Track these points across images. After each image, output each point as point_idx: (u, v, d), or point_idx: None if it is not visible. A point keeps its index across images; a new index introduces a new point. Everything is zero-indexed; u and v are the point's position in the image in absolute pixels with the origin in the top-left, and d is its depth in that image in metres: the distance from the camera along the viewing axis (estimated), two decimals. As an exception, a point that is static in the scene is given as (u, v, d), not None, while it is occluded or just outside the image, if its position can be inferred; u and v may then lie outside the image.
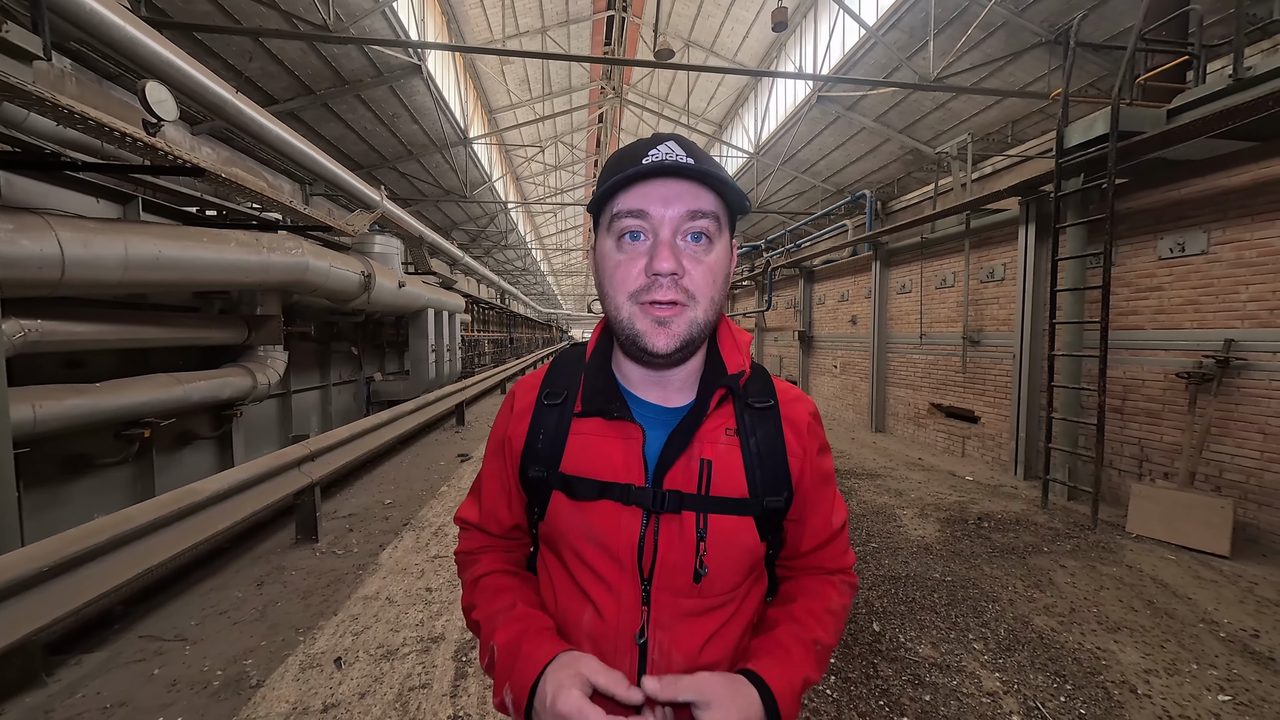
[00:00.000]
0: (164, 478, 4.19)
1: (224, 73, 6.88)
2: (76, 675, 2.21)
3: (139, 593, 2.84)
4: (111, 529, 2.19)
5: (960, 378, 6.49)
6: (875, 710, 2.06)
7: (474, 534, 0.79)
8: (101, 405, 3.18)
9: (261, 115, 4.79)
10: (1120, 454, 4.51)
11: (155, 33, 3.62)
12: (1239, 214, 3.74)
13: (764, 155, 13.39)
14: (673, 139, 0.62)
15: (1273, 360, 3.55)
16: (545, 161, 18.80)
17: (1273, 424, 3.53)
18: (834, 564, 0.75)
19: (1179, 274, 4.11)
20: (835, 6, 8.65)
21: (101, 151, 3.66)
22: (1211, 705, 2.09)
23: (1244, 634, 2.57)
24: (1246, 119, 3.28)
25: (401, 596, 2.90)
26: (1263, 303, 3.61)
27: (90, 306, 3.26)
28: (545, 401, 0.72)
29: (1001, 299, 5.84)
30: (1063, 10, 6.65)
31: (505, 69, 13.06)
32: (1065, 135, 4.37)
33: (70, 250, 2.63)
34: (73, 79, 3.77)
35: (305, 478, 3.53)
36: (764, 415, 0.70)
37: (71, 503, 3.51)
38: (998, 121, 8.92)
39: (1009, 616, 2.71)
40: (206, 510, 2.72)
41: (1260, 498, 3.60)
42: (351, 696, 2.10)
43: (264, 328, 4.65)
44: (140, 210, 3.81)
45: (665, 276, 0.59)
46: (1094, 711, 2.05)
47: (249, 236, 3.85)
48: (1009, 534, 3.83)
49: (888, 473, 5.66)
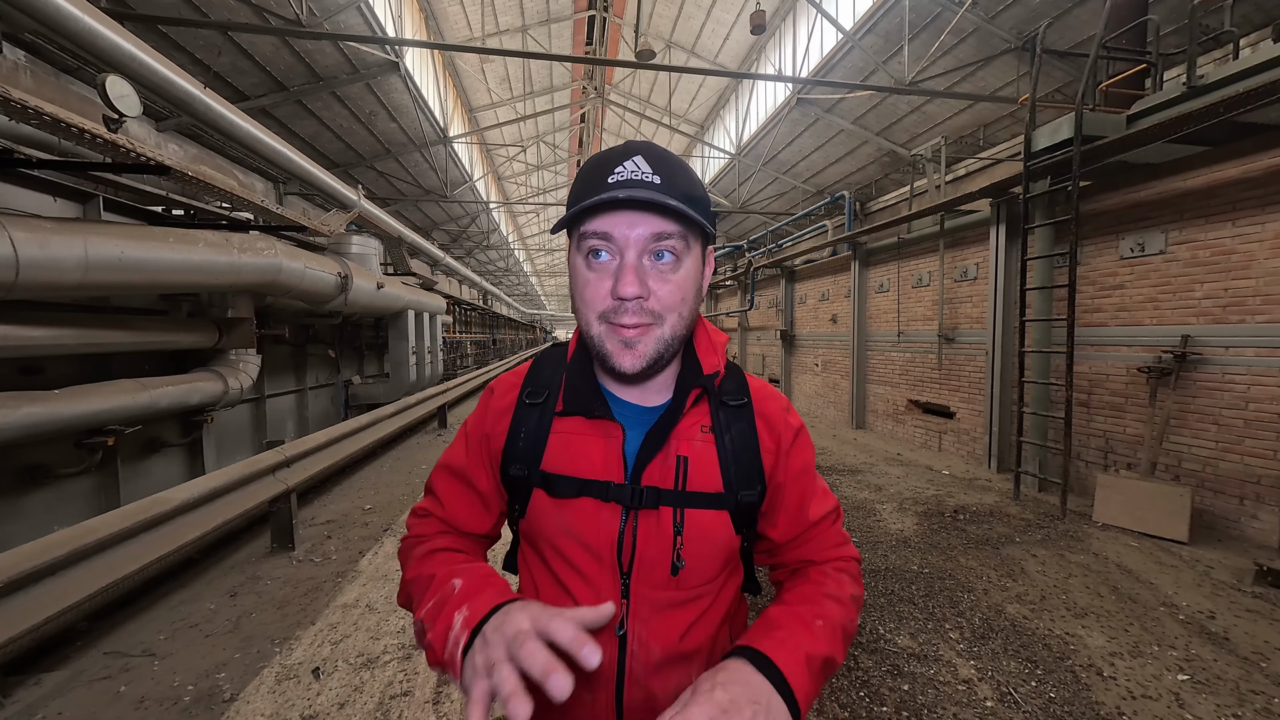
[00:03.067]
0: (130, 487, 4.03)
1: (191, 67, 6.66)
2: (35, 696, 2.11)
3: (104, 607, 2.72)
4: (71, 542, 2.09)
5: (936, 374, 6.65)
6: (856, 701, 2.10)
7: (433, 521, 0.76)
8: (61, 413, 3.05)
9: (231, 111, 4.64)
10: (1087, 446, 4.69)
11: (116, 25, 3.48)
12: (1194, 215, 3.93)
13: (745, 156, 13.53)
14: (641, 153, 0.61)
15: (1225, 355, 3.73)
16: (527, 161, 18.66)
17: (1226, 415, 3.71)
18: (823, 556, 0.74)
19: (1139, 273, 4.30)
20: (814, 10, 8.79)
21: (59, 148, 3.51)
22: (1171, 685, 2.18)
23: (1201, 616, 2.70)
24: (1199, 125, 3.44)
25: (382, 603, 2.85)
26: (1216, 300, 3.80)
27: (48, 310, 3.12)
28: (527, 400, 0.72)
29: (975, 297, 6.02)
30: (1030, 18, 6.88)
31: (486, 67, 12.92)
32: (1032, 139, 4.53)
33: (25, 251, 2.51)
34: (27, 72, 3.61)
35: (280, 484, 3.44)
36: (738, 412, 0.71)
37: (29, 516, 3.35)
38: (970, 125, 9.18)
39: (983, 606, 2.80)
40: (175, 520, 2.63)
41: (1215, 485, 3.78)
42: (330, 707, 2.06)
43: (235, 331, 4.51)
44: (101, 209, 3.66)
45: (630, 300, 0.59)
46: (1063, 694, 2.13)
47: (218, 237, 3.73)
48: (983, 526, 3.94)
49: (868, 468, 5.78)
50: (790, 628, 0.61)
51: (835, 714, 2.04)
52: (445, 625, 0.55)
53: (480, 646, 0.50)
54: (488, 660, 0.48)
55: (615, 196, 0.57)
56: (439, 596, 0.60)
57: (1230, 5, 4.07)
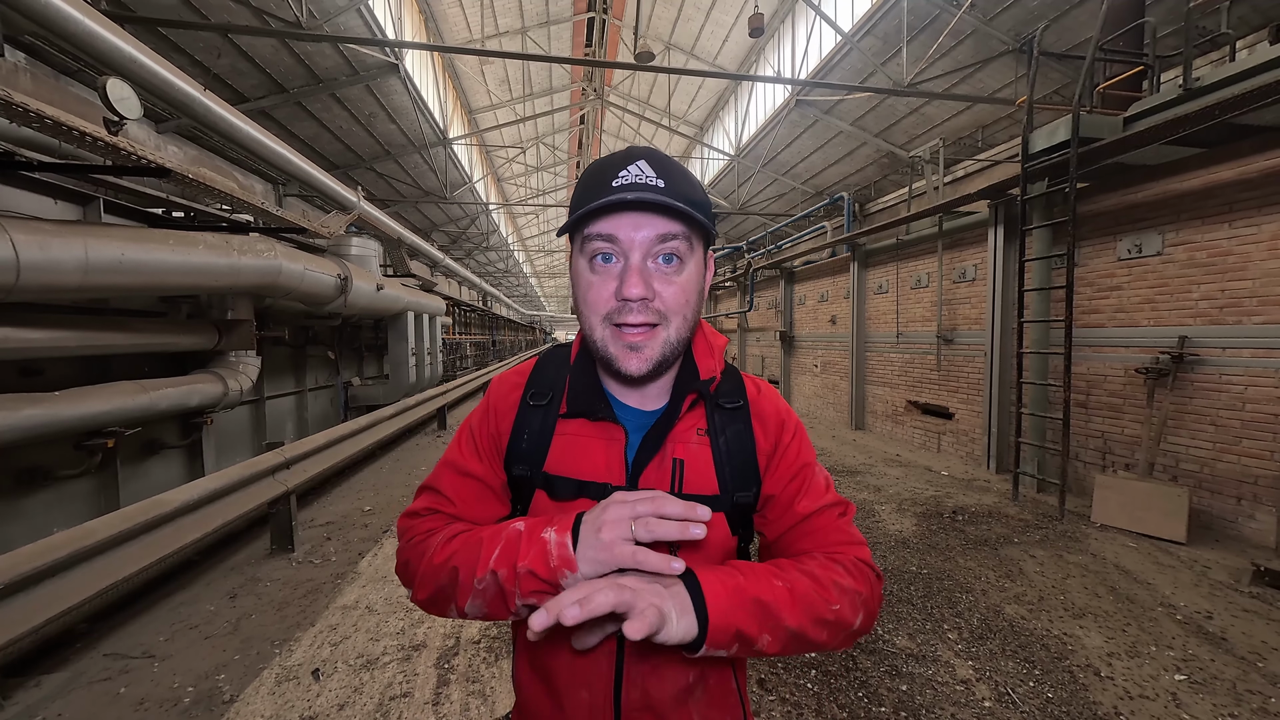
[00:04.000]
0: (129, 489, 4.03)
1: (191, 69, 6.66)
2: (35, 698, 2.11)
3: (103, 609, 2.72)
4: (71, 544, 2.10)
5: (935, 375, 6.66)
6: (854, 701, 2.11)
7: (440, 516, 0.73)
8: (61, 415, 3.05)
9: (231, 113, 4.65)
10: (1085, 447, 4.69)
11: (116, 27, 3.49)
12: (1190, 217, 3.94)
13: (745, 158, 13.55)
14: (644, 158, 0.62)
15: (1222, 355, 3.74)
16: (527, 162, 18.67)
17: (1223, 416, 3.72)
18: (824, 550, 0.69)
19: (1137, 274, 4.31)
20: (812, 12, 8.81)
21: (59, 151, 3.51)
22: (1169, 685, 2.19)
23: (1199, 616, 2.70)
24: (1195, 127, 3.46)
25: (382, 605, 2.85)
26: (1213, 301, 3.81)
27: (48, 312, 3.13)
28: (530, 401, 0.73)
29: (973, 299, 6.03)
30: (1028, 20, 6.90)
31: (485, 69, 12.94)
32: (1030, 141, 4.54)
33: (26, 253, 2.52)
34: (27, 74, 3.61)
35: (280, 486, 3.45)
36: (734, 415, 0.72)
37: (29, 517, 3.35)
38: (968, 126, 9.20)
39: (982, 606, 2.80)
40: (175, 522, 2.63)
41: (1213, 486, 3.79)
42: (330, 708, 2.06)
43: (235, 332, 4.51)
44: (101, 212, 3.67)
45: (635, 301, 0.60)
46: (1060, 694, 2.13)
47: (218, 239, 3.74)
48: (982, 526, 3.95)
49: (867, 469, 5.78)
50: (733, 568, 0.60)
51: (834, 714, 2.04)
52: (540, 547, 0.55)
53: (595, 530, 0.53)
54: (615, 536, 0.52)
55: (624, 199, 0.58)
56: (504, 541, 0.58)
57: (1227, 7, 4.08)
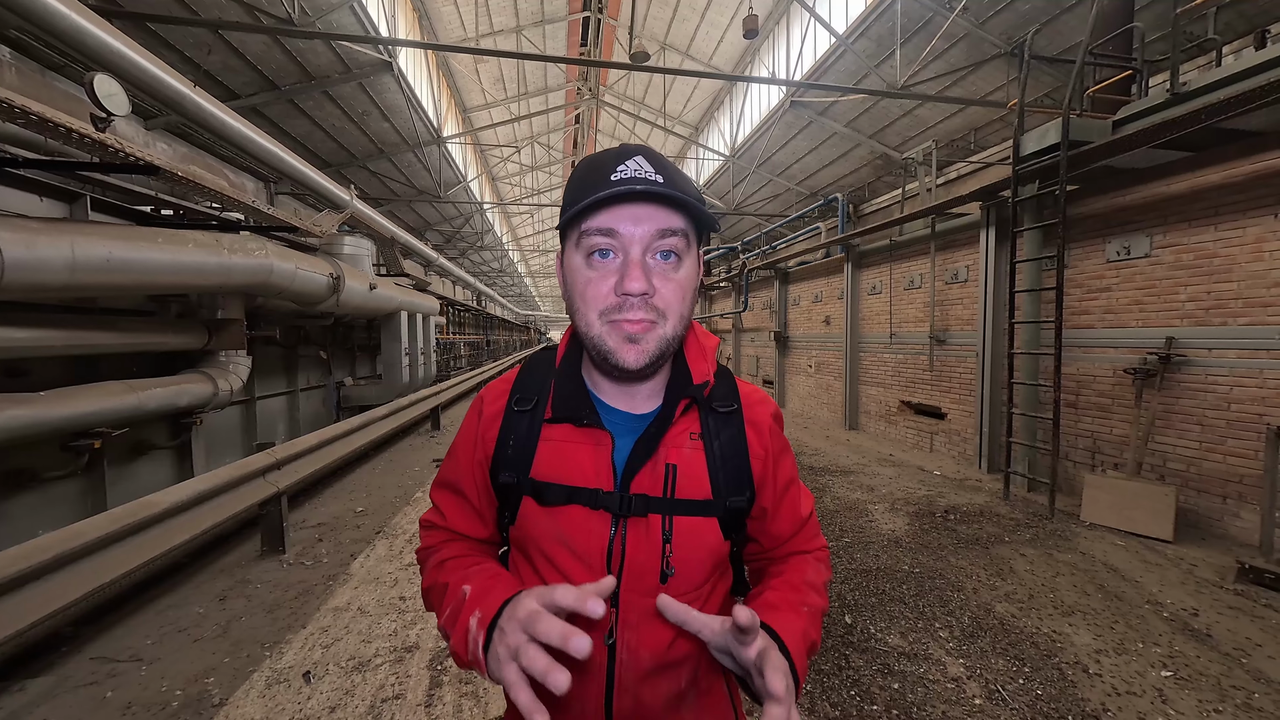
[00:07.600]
0: (117, 490, 3.98)
1: (181, 66, 6.59)
2: (20, 703, 2.08)
3: (90, 612, 2.69)
4: (57, 546, 2.07)
5: (928, 376, 6.72)
6: (847, 700, 2.12)
7: (438, 531, 0.79)
8: (46, 415, 3.00)
9: (222, 110, 4.60)
10: (1075, 446, 4.75)
11: (104, 22, 3.44)
12: (1178, 220, 4.00)
13: (739, 158, 13.59)
14: (641, 153, 0.62)
15: (1208, 356, 3.80)
16: (521, 162, 18.62)
17: (1209, 416, 3.78)
18: (805, 548, 0.78)
19: (1125, 276, 4.36)
20: (807, 14, 8.85)
21: (45, 147, 3.45)
22: (1155, 681, 2.22)
23: (1185, 613, 2.74)
24: (1182, 131, 3.51)
25: (374, 606, 2.84)
26: (1199, 302, 3.87)
27: (34, 311, 3.08)
28: (515, 407, 0.72)
29: (965, 300, 6.08)
30: (1019, 24, 6.97)
31: (480, 68, 12.89)
32: (1021, 144, 4.58)
33: (11, 251, 2.48)
34: (12, 69, 3.55)
35: (271, 487, 3.41)
36: (728, 419, 0.72)
37: (14, 519, 3.30)
38: (961, 128, 9.28)
39: (973, 605, 2.83)
40: (163, 523, 2.60)
41: (1199, 485, 3.85)
42: (321, 711, 2.05)
43: (225, 332, 4.47)
44: (89, 209, 3.61)
45: (636, 296, 0.59)
46: (1050, 691, 2.16)
47: (208, 237, 3.69)
48: (973, 526, 3.99)
49: (860, 469, 5.82)
50: (786, 611, 0.66)
51: (826, 713, 2.05)
52: (463, 629, 0.58)
53: (499, 638, 0.53)
54: (510, 648, 0.51)
55: (632, 189, 0.57)
56: (453, 605, 0.63)
57: (1214, 13, 4.14)
